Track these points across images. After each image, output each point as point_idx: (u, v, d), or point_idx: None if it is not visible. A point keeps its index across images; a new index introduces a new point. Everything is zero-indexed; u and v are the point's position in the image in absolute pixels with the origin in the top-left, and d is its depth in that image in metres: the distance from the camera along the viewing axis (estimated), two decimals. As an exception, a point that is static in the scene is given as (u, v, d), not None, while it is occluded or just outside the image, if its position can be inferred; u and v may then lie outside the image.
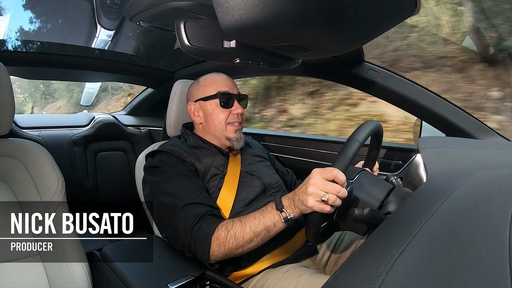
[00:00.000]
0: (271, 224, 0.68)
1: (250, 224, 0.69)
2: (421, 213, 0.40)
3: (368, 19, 0.51)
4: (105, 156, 1.71)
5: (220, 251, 0.70)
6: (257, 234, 0.68)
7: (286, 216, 0.66)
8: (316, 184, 0.61)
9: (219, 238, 0.70)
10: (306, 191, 0.62)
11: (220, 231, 0.70)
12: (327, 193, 0.60)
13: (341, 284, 0.30)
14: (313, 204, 0.61)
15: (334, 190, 0.60)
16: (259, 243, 0.70)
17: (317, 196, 0.61)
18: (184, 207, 0.75)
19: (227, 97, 0.91)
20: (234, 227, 0.70)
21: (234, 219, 0.72)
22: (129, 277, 0.69)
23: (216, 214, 0.77)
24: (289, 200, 0.67)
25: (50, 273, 0.74)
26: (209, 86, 0.93)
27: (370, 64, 1.04)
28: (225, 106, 0.92)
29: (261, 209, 0.70)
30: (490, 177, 0.54)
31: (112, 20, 1.31)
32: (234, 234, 0.69)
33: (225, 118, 0.92)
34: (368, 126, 0.69)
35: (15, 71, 1.42)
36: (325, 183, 0.61)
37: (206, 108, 0.93)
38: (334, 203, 0.60)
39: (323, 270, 0.88)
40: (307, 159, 1.30)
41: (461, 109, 0.96)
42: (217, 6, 0.44)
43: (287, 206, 0.67)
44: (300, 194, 0.64)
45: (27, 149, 0.79)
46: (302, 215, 0.66)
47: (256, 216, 0.69)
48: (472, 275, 0.26)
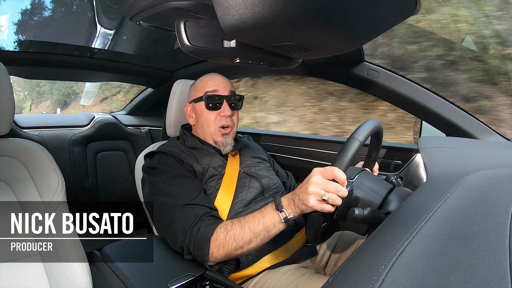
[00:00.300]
0: (271, 225, 0.68)
1: (250, 225, 0.69)
2: (421, 213, 0.40)
3: (368, 19, 0.51)
4: (105, 156, 1.71)
5: (220, 253, 0.70)
6: (256, 235, 0.68)
7: (285, 216, 0.66)
8: (316, 183, 0.61)
9: (218, 239, 0.70)
10: (306, 190, 0.62)
11: (219, 232, 0.70)
12: (327, 192, 0.60)
13: (341, 284, 0.30)
14: (313, 204, 0.61)
15: (334, 189, 0.60)
16: (258, 244, 0.70)
17: (317, 195, 0.61)
18: (182, 208, 0.75)
19: (214, 99, 0.90)
20: (233, 228, 0.70)
21: (233, 220, 0.72)
22: (129, 277, 0.69)
23: (215, 215, 0.77)
24: (288, 200, 0.67)
25: (50, 273, 0.74)
26: (199, 87, 0.93)
27: (370, 64, 1.04)
28: (212, 108, 0.90)
29: (261, 210, 0.70)
30: (490, 177, 0.54)
31: (112, 20, 1.31)
32: (233, 235, 0.69)
33: (213, 120, 0.91)
34: (368, 125, 0.68)
35: (15, 71, 1.42)
36: (325, 182, 0.61)
37: (197, 110, 0.93)
38: (334, 202, 0.60)
39: (323, 271, 0.88)
40: (307, 159, 1.30)
41: (461, 109, 0.96)
42: (217, 6, 0.44)
43: (287, 206, 0.66)
44: (300, 194, 0.64)
45: (27, 149, 0.79)
46: (301, 215, 0.66)
47: (256, 216, 0.69)
48: (472, 275, 0.26)
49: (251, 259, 0.79)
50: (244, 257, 0.78)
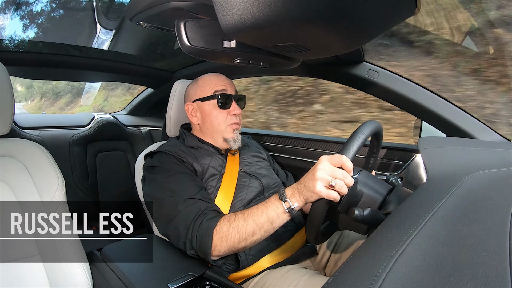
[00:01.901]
0: (274, 215, 0.67)
1: (253, 216, 0.68)
2: (421, 213, 0.40)
3: (368, 19, 0.51)
4: (105, 156, 1.71)
5: (223, 245, 0.69)
6: (260, 226, 0.67)
7: (289, 206, 0.65)
8: (324, 169, 0.61)
9: (221, 232, 0.69)
10: (314, 176, 0.62)
11: (222, 224, 0.70)
12: (335, 179, 0.60)
13: (341, 284, 0.30)
14: (320, 190, 0.61)
15: (342, 176, 0.60)
16: (262, 236, 0.69)
17: (325, 181, 0.60)
18: (184, 202, 0.74)
19: (225, 98, 0.91)
20: (236, 219, 0.69)
21: (236, 212, 0.72)
22: (129, 277, 0.69)
23: (217, 210, 0.77)
24: (292, 190, 0.66)
25: (50, 273, 0.74)
26: (206, 86, 0.93)
27: (370, 64, 1.04)
28: (223, 107, 0.91)
29: (265, 201, 0.70)
30: (490, 177, 0.54)
31: (112, 20, 1.31)
32: (236, 227, 0.68)
33: (224, 118, 0.92)
34: (372, 123, 0.69)
35: (15, 71, 1.42)
36: (333, 169, 0.61)
37: (204, 109, 0.93)
38: (341, 190, 0.60)
39: (323, 271, 0.88)
40: (307, 159, 1.30)
41: (461, 109, 0.96)
42: (217, 6, 0.44)
43: (291, 195, 0.66)
44: (307, 181, 0.63)
45: (27, 149, 0.79)
46: (301, 215, 0.66)
47: (259, 208, 0.69)
48: (472, 275, 0.26)
49: (251, 259, 0.79)
50: (244, 256, 0.78)
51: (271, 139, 1.47)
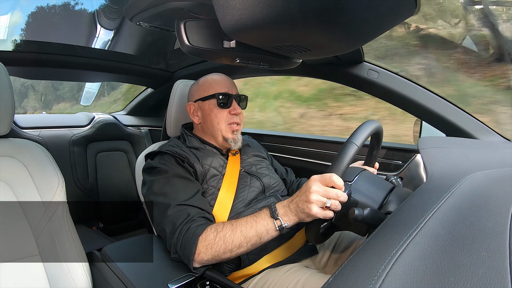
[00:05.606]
0: (264, 231, 0.67)
1: (242, 229, 0.68)
2: (421, 213, 0.40)
3: (368, 19, 0.50)
4: (105, 156, 1.71)
5: (207, 253, 0.68)
6: (248, 240, 0.67)
7: (281, 224, 0.66)
8: (317, 191, 0.61)
9: (207, 239, 0.68)
10: (308, 199, 0.62)
11: (209, 232, 0.69)
12: (329, 199, 0.61)
13: (341, 284, 0.30)
14: (316, 212, 0.61)
15: (335, 195, 0.61)
16: (249, 249, 0.69)
17: (320, 203, 0.61)
18: (175, 207, 0.74)
19: (226, 98, 0.92)
20: (224, 229, 0.69)
21: (225, 222, 0.71)
22: (129, 277, 0.69)
23: (207, 217, 0.76)
24: (284, 208, 0.66)
25: (50, 273, 0.74)
26: (208, 86, 0.94)
27: (370, 64, 1.04)
28: (223, 106, 0.92)
29: (255, 215, 0.69)
30: (490, 177, 0.54)
31: (112, 20, 1.31)
32: (223, 237, 0.68)
33: (223, 117, 0.92)
34: (366, 128, 0.68)
35: (15, 71, 1.42)
36: (325, 190, 0.61)
37: (205, 108, 0.93)
38: (336, 208, 0.61)
39: (323, 270, 0.88)
40: (307, 159, 1.30)
41: (461, 109, 0.96)
42: (217, 6, 0.44)
43: (283, 214, 0.66)
44: (300, 203, 0.64)
45: (27, 149, 0.79)
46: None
47: (249, 221, 0.68)
48: (472, 275, 0.26)
49: (252, 258, 0.79)
50: (245, 255, 0.78)
51: (271, 139, 1.47)
